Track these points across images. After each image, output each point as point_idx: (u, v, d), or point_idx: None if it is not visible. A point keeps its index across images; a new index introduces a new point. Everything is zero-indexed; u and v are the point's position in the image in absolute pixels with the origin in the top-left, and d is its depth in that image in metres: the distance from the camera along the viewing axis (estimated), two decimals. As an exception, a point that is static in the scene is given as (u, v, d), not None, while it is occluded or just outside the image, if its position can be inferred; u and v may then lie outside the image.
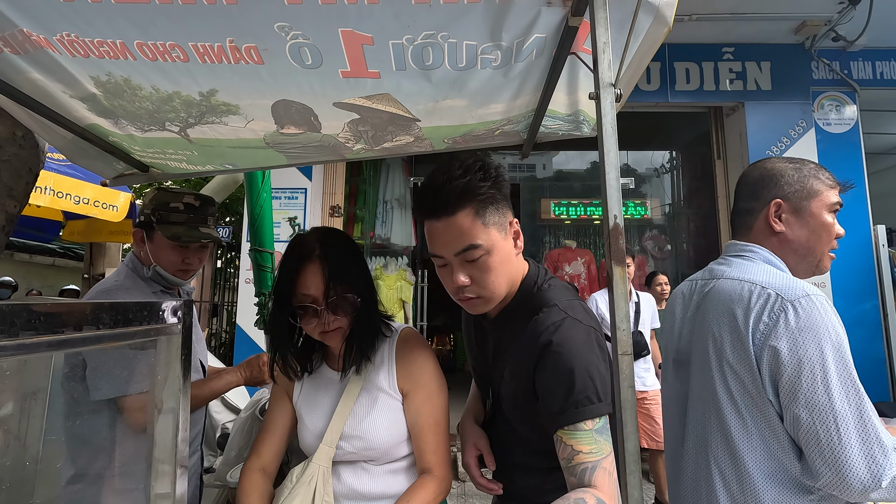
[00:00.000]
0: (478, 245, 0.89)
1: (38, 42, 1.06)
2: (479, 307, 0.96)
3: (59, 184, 3.02)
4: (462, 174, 0.89)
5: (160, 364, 0.76)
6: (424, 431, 1.07)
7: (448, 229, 0.89)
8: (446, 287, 0.97)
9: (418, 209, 0.96)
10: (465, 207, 0.88)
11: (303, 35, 1.00)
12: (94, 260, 4.89)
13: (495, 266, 0.91)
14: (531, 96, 1.24)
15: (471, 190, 0.88)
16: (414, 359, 1.11)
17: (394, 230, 5.43)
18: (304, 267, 1.04)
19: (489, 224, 0.90)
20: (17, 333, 0.47)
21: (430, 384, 1.09)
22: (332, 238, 1.10)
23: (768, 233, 1.07)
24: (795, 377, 0.87)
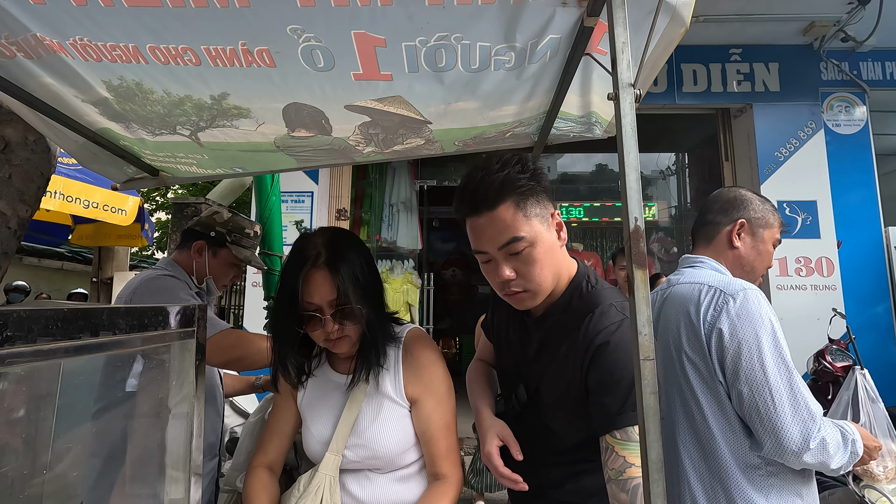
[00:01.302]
0: (521, 237, 0.89)
1: (51, 46, 1.06)
2: (527, 302, 0.96)
3: (68, 188, 3.03)
4: (500, 168, 0.89)
5: (174, 369, 0.75)
6: (436, 437, 1.04)
7: (490, 224, 0.90)
8: (492, 284, 0.97)
9: (459, 208, 0.95)
10: (506, 200, 0.89)
11: (315, 37, 0.99)
12: (103, 264, 4.92)
13: (540, 258, 0.91)
14: (544, 98, 1.23)
15: (510, 182, 0.88)
16: (421, 363, 1.08)
17: (400, 233, 5.43)
18: (309, 274, 0.99)
19: (531, 216, 0.90)
20: (34, 339, 0.46)
21: (439, 388, 1.07)
22: (341, 242, 1.05)
23: (726, 246, 1.27)
24: (737, 357, 1.03)
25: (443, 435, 1.05)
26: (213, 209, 1.65)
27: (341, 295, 0.98)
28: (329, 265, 0.99)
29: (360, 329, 1.02)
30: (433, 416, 1.05)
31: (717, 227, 1.29)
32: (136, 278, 1.53)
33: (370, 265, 1.08)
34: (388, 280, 5.09)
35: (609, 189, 5.94)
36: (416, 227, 5.56)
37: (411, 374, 1.07)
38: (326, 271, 0.99)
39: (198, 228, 1.62)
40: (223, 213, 1.63)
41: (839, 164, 4.48)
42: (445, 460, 1.04)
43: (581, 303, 0.98)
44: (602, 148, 5.41)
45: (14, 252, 1.32)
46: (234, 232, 1.63)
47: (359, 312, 1.00)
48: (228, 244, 1.61)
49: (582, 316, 0.95)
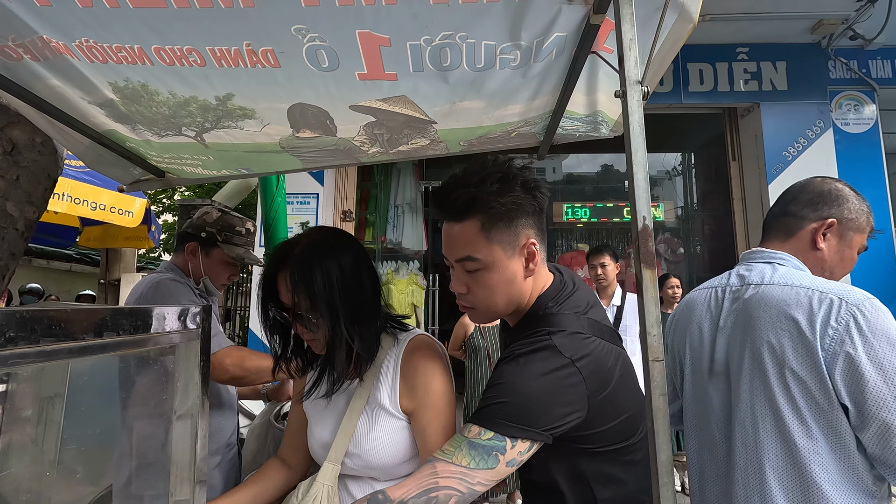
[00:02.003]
0: (475, 258, 0.86)
1: (58, 48, 1.06)
2: (476, 317, 0.96)
3: (76, 190, 3.05)
4: (477, 182, 0.85)
5: (179, 370, 0.75)
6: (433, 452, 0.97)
7: (453, 234, 0.88)
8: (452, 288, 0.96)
9: (434, 206, 0.94)
10: (472, 218, 0.86)
11: (320, 37, 0.99)
12: (110, 265, 4.95)
13: (492, 284, 0.88)
14: (549, 97, 1.22)
15: (480, 201, 0.85)
16: (419, 374, 1.01)
17: (405, 234, 5.43)
18: (277, 273, 1.00)
19: (493, 240, 0.86)
20: (37, 340, 0.46)
21: (436, 400, 0.99)
22: (312, 248, 1.00)
23: (809, 245, 1.10)
24: (881, 383, 0.86)
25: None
26: (203, 209, 1.66)
27: (298, 300, 0.97)
28: (289, 271, 0.97)
29: (326, 334, 0.98)
30: (429, 429, 0.98)
31: (802, 223, 1.11)
32: (142, 283, 1.54)
33: (352, 267, 1.01)
34: (393, 281, 5.09)
35: (615, 190, 5.91)
36: (422, 228, 5.56)
37: (408, 385, 1.01)
38: (285, 277, 0.98)
39: (189, 230, 1.63)
40: (212, 213, 1.64)
41: (848, 164, 4.44)
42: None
43: (533, 322, 0.92)
44: (608, 148, 5.38)
45: (22, 253, 1.33)
46: (225, 231, 1.63)
47: (309, 322, 0.97)
48: (220, 244, 1.61)
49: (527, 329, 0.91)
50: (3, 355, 0.43)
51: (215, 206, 1.69)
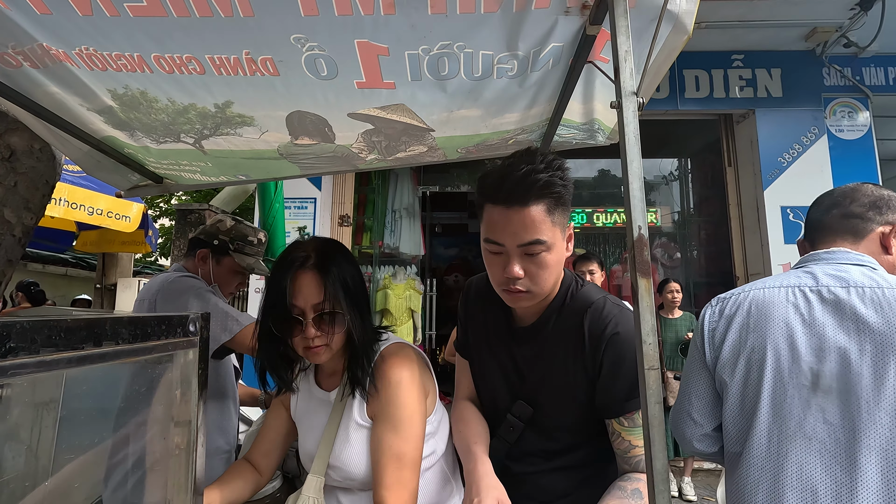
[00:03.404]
0: (543, 241, 0.88)
1: (57, 56, 1.07)
2: (523, 301, 0.96)
3: (73, 195, 3.05)
4: (544, 168, 0.87)
5: (177, 378, 0.75)
6: (383, 465, 0.92)
7: (518, 220, 0.88)
8: (493, 275, 0.96)
9: (489, 193, 0.91)
10: (541, 202, 0.87)
11: (318, 46, 1.00)
12: (107, 270, 4.93)
13: (551, 264, 0.92)
14: (546, 105, 1.23)
15: (550, 186, 0.87)
16: (385, 383, 0.97)
17: (402, 239, 5.42)
18: (296, 275, 0.96)
19: (556, 223, 0.90)
20: (37, 350, 0.46)
21: (396, 412, 0.95)
22: (331, 249, 1.02)
23: (879, 249, 1.05)
24: None
25: (392, 464, 0.92)
26: (217, 217, 1.66)
27: (328, 298, 0.94)
28: (318, 267, 0.97)
29: (343, 338, 0.98)
30: (383, 441, 0.94)
31: (868, 224, 1.05)
32: (156, 281, 1.55)
33: (359, 276, 1.04)
34: (390, 286, 5.08)
35: (612, 195, 5.93)
36: (419, 233, 5.56)
37: (374, 394, 0.98)
38: (315, 273, 0.96)
39: (202, 237, 1.64)
40: (226, 222, 1.65)
41: (843, 170, 4.47)
42: (389, 493, 0.90)
43: (574, 302, 1.01)
44: (605, 154, 5.41)
45: (19, 259, 1.33)
46: (238, 240, 1.64)
47: (341, 319, 0.96)
48: (231, 252, 1.62)
49: (578, 313, 0.98)
50: (2, 366, 0.43)
51: (229, 215, 1.69)
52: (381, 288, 5.06)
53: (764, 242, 4.53)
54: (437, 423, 1.07)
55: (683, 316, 4.06)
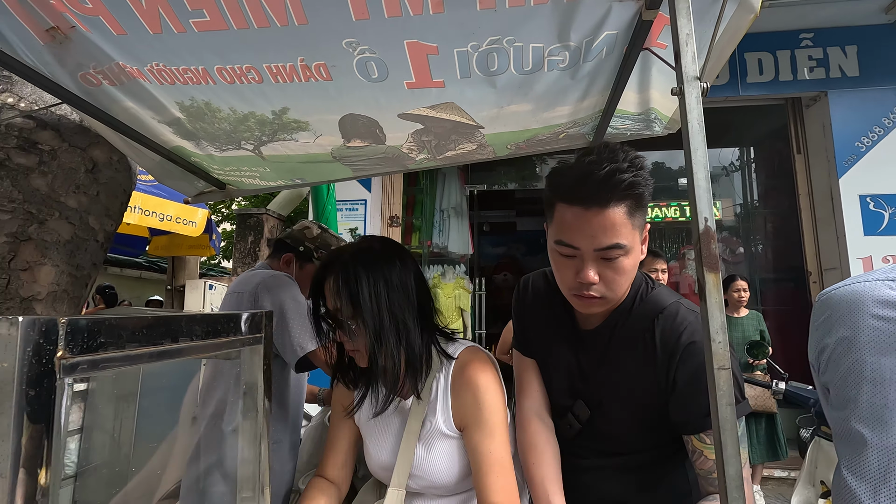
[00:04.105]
0: (622, 245, 0.82)
1: (132, 73, 1.15)
2: (596, 307, 0.90)
3: (146, 203, 3.28)
4: (628, 167, 0.79)
5: (245, 374, 0.78)
6: (485, 472, 0.92)
7: (596, 222, 0.81)
8: (563, 278, 0.90)
9: (564, 192, 0.84)
10: (623, 203, 0.81)
11: (369, 49, 1.02)
12: (176, 272, 5.27)
13: (627, 269, 0.86)
14: (599, 97, 1.19)
15: (633, 186, 0.80)
16: (471, 390, 0.96)
17: (451, 239, 5.45)
18: (323, 279, 0.99)
19: (636, 225, 0.84)
20: (123, 345, 0.50)
21: (491, 418, 0.94)
22: (360, 254, 0.98)
23: None
24: None
25: (495, 471, 0.91)
26: (304, 224, 1.69)
27: (341, 306, 0.95)
28: (333, 277, 0.96)
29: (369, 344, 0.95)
30: (482, 448, 0.93)
31: None
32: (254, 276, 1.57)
33: (393, 283, 0.97)
34: (440, 285, 5.12)
35: (667, 188, 5.68)
36: (467, 232, 5.56)
37: (459, 402, 0.97)
38: (329, 282, 0.97)
39: (288, 241, 1.68)
40: (313, 230, 1.68)
41: (932, 153, 4.06)
42: (498, 496, 0.89)
43: (644, 306, 0.94)
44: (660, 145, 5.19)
45: (101, 263, 1.44)
46: (322, 248, 1.67)
47: (349, 330, 0.95)
48: (315, 260, 1.65)
49: (648, 318, 0.92)
50: (95, 359, 0.46)
51: (316, 223, 1.72)
52: (430, 287, 5.10)
53: (840, 234, 4.19)
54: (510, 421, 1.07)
55: (750, 315, 3.82)
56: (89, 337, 0.44)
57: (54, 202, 1.23)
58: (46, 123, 1.25)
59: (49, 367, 0.40)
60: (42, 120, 1.25)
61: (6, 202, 1.13)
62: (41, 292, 1.17)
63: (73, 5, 0.99)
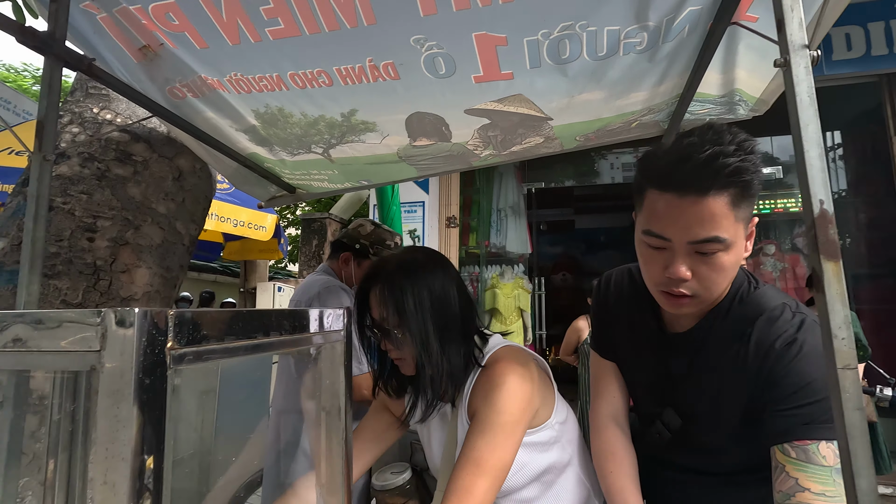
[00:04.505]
0: (721, 238, 0.72)
1: (213, 84, 1.21)
2: (686, 307, 0.81)
3: (220, 209, 3.49)
4: (734, 151, 0.70)
5: (325, 370, 0.79)
6: (456, 466, 0.86)
7: (693, 211, 0.72)
8: (650, 272, 0.81)
9: (656, 177, 0.76)
10: (725, 192, 0.71)
11: (437, 45, 1.01)
12: (248, 275, 5.58)
13: (726, 266, 0.75)
14: (678, 80, 1.12)
15: (739, 173, 0.70)
16: (485, 388, 0.93)
17: (509, 238, 5.38)
18: (368, 289, 0.98)
19: (739, 218, 0.73)
20: (222, 338, 0.51)
21: (490, 416, 0.88)
22: (404, 265, 0.97)
23: None
24: None
25: (466, 469, 0.85)
26: (358, 222, 1.74)
27: (386, 316, 0.94)
28: (378, 287, 0.96)
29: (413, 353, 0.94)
30: (467, 441, 0.87)
31: None
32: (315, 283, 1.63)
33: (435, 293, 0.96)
34: (498, 286, 5.07)
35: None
36: (525, 231, 5.47)
37: (472, 398, 0.95)
38: (374, 292, 0.96)
39: (345, 240, 1.72)
40: (367, 226, 1.72)
41: None
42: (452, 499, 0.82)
43: (744, 307, 0.83)
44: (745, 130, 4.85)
45: (187, 265, 1.54)
46: (377, 244, 1.69)
47: (395, 339, 0.95)
48: (371, 256, 1.69)
49: (748, 321, 0.81)
50: (199, 351, 0.48)
51: (370, 220, 1.76)
52: (489, 287, 5.07)
53: (949, 223, 3.73)
54: (561, 428, 1.01)
55: (842, 314, 3.49)
56: (194, 329, 0.46)
57: (147, 209, 1.32)
58: (139, 136, 1.35)
59: (161, 358, 0.42)
60: (135, 133, 1.35)
61: (107, 210, 1.23)
62: (137, 293, 1.26)
63: (161, 23, 1.06)
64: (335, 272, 1.70)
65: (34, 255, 0.89)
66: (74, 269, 1.16)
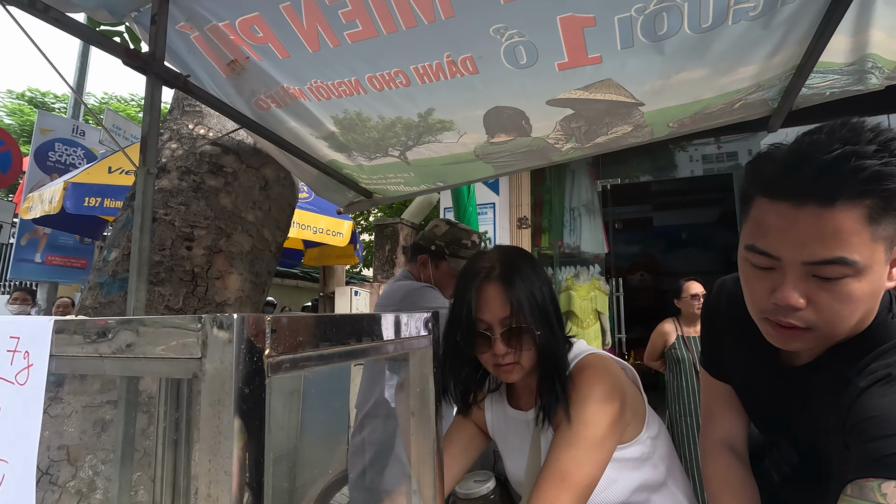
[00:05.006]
0: (851, 261, 0.58)
1: (294, 94, 1.24)
2: (797, 342, 0.65)
3: (301, 217, 3.65)
4: (875, 151, 0.56)
5: (414, 373, 0.76)
6: (543, 479, 0.80)
7: (813, 225, 0.58)
8: (753, 295, 0.68)
9: (765, 182, 0.63)
10: (859, 203, 0.57)
11: (518, 33, 0.96)
12: (327, 280, 5.82)
13: (857, 297, 0.60)
14: (796, 48, 0.98)
15: (880, 179, 0.55)
16: (574, 396, 0.86)
17: (583, 238, 5.17)
18: (481, 287, 0.89)
19: (878, 237, 0.58)
20: (317, 345, 0.49)
21: (578, 428, 0.82)
22: (516, 259, 0.93)
23: None
24: None
25: (551, 482, 0.79)
26: (433, 223, 1.72)
27: (514, 312, 0.86)
28: (503, 279, 0.88)
29: (534, 356, 0.88)
30: (552, 454, 0.81)
31: None
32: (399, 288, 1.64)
33: (548, 288, 0.92)
34: (574, 287, 4.88)
35: None
36: (601, 230, 5.23)
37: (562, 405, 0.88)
38: (499, 285, 0.88)
39: (421, 242, 1.71)
40: (441, 227, 1.70)
41: None
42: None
43: (872, 336, 0.66)
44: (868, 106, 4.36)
45: (274, 271, 1.60)
46: (452, 244, 1.67)
47: (532, 335, 0.86)
48: (447, 256, 1.66)
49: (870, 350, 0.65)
50: (295, 358, 0.45)
51: (444, 220, 1.74)
52: (563, 289, 4.89)
53: None
54: (653, 443, 0.92)
55: None
56: (290, 336, 0.44)
57: (237, 217, 1.38)
58: (229, 148, 1.42)
59: (259, 366, 0.40)
60: (225, 145, 1.42)
61: (202, 219, 1.30)
62: (230, 298, 1.32)
63: (247, 36, 1.10)
64: (414, 276, 1.69)
65: (141, 263, 0.94)
66: (175, 276, 1.23)
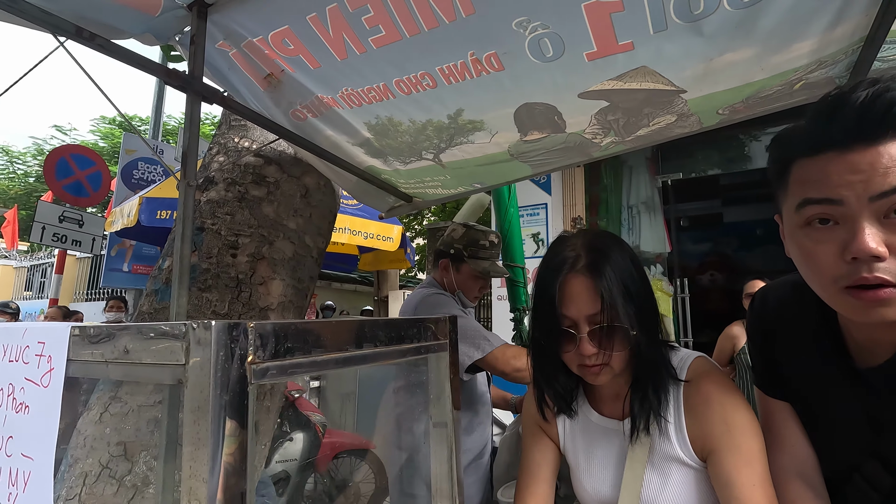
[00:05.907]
0: None
1: (328, 103, 1.27)
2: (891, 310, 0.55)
3: (353, 224, 3.76)
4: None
5: (432, 381, 0.74)
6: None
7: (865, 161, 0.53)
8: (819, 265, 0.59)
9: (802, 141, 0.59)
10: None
11: (542, 24, 0.92)
12: (381, 284, 5.95)
13: None
14: (861, 18, 0.87)
15: None
16: (715, 410, 0.77)
17: (643, 237, 4.93)
18: (565, 280, 0.79)
19: None
20: (309, 351, 0.48)
21: (745, 442, 0.74)
22: (605, 243, 0.82)
23: None
24: None
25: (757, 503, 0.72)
26: (451, 227, 1.75)
27: (605, 309, 0.75)
28: (591, 270, 0.77)
29: (626, 357, 0.79)
30: (734, 478, 0.73)
31: None
32: (415, 296, 1.72)
33: (641, 275, 0.81)
34: (633, 288, 4.67)
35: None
36: (662, 229, 4.96)
37: (698, 423, 0.79)
38: (586, 277, 0.77)
39: (441, 247, 1.74)
40: (458, 230, 1.72)
41: None
42: None
43: None
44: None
45: (317, 277, 1.64)
46: (470, 246, 1.68)
47: (625, 334, 0.76)
48: (467, 259, 1.67)
49: None
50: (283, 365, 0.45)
51: (460, 223, 1.77)
52: (622, 291, 4.69)
53: None
54: None
55: None
56: (276, 342, 0.44)
57: (279, 225, 1.43)
58: (271, 159, 1.48)
59: (241, 372, 0.40)
60: (267, 156, 1.48)
61: (246, 228, 1.36)
62: (273, 303, 1.37)
63: (280, 50, 1.13)
64: (438, 282, 1.71)
65: (182, 270, 0.99)
66: (221, 283, 1.29)
